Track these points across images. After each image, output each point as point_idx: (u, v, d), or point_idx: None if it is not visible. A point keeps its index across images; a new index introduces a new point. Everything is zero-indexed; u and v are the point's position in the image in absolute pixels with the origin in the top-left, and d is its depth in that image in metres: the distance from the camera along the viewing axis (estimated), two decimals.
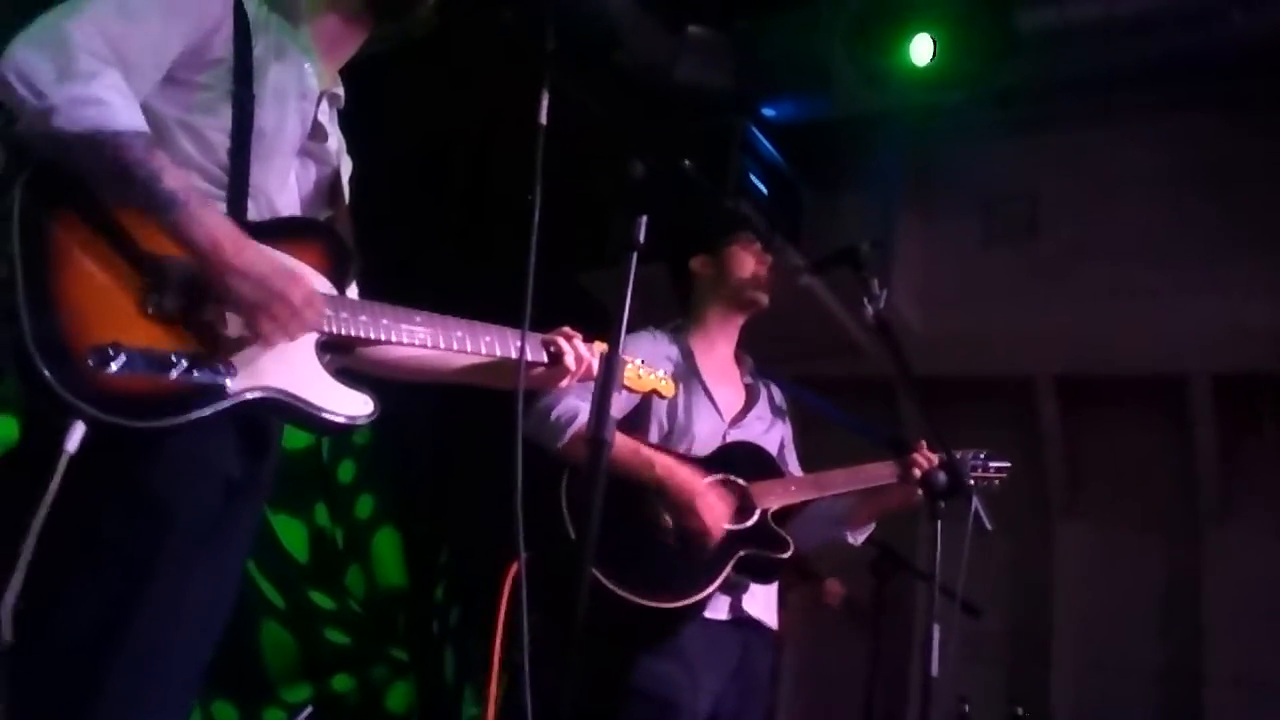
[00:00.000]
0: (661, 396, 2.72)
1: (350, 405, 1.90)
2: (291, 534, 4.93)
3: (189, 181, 1.72)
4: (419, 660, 5.46)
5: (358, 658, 5.16)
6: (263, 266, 1.74)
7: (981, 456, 3.29)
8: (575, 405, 2.85)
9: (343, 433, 1.85)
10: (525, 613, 1.86)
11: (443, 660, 5.58)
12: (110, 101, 1.64)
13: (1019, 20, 5.13)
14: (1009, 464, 3.33)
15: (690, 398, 3.11)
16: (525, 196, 1.89)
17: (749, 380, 3.30)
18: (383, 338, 1.99)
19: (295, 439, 4.91)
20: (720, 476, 2.97)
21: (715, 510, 2.83)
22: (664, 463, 2.87)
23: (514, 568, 2.49)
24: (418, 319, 2.05)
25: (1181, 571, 5.74)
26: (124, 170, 1.65)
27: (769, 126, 5.91)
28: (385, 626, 5.37)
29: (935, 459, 3.11)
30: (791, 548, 2.97)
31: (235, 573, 1.93)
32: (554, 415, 2.85)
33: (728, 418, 3.16)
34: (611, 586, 2.64)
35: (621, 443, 2.70)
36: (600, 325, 2.83)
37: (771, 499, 3.00)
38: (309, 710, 4.61)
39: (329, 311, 1.91)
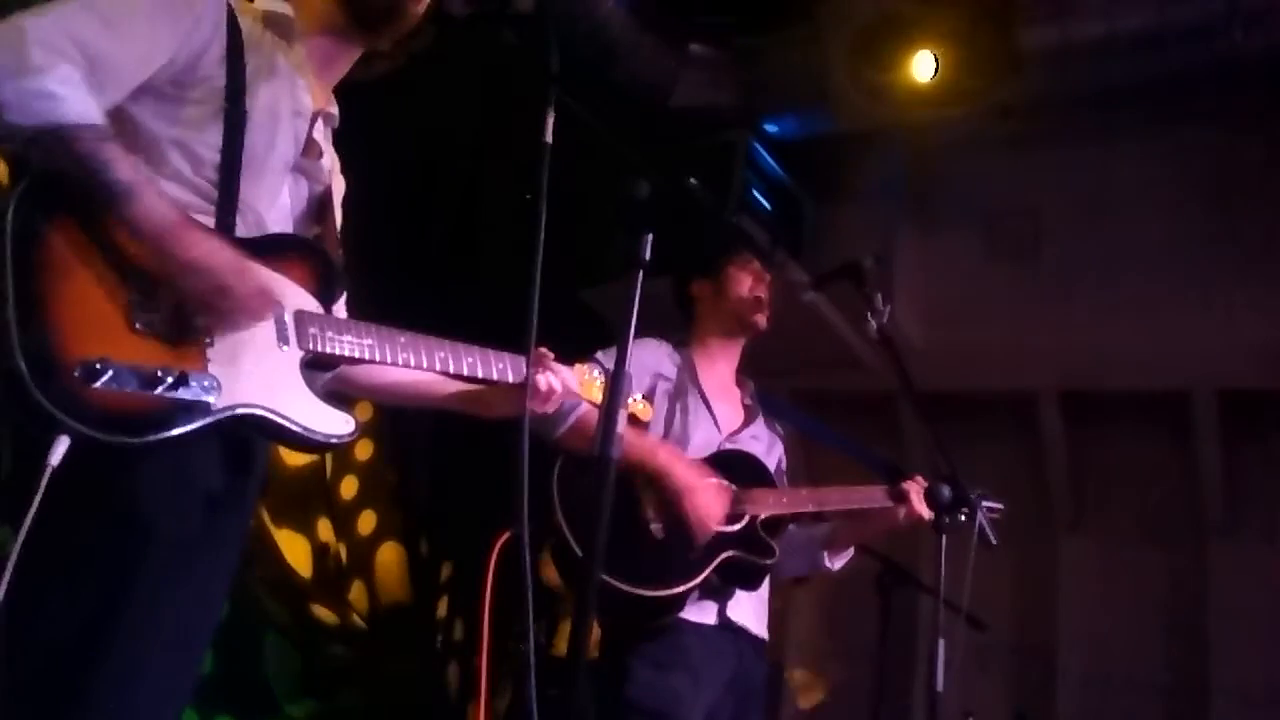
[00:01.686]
0: (638, 420, 2.73)
1: (331, 424, 1.91)
2: (294, 549, 4.93)
3: (141, 173, 1.72)
4: (423, 675, 5.46)
5: (361, 673, 5.16)
6: (212, 260, 1.74)
7: (977, 495, 3.28)
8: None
9: (323, 450, 1.84)
10: (530, 608, 1.85)
11: (446, 675, 5.57)
12: (60, 95, 1.63)
13: (1021, 38, 5.15)
14: (1002, 506, 3.32)
15: (688, 410, 3.12)
16: (525, 212, 1.90)
17: (749, 402, 3.30)
18: (366, 357, 1.99)
19: (298, 454, 4.92)
20: (714, 479, 2.98)
21: (712, 505, 2.84)
22: (668, 450, 2.88)
23: (499, 543, 2.51)
24: (401, 339, 2.04)
25: (1186, 585, 5.73)
26: (75, 163, 1.65)
27: (771, 142, 5.93)
28: (389, 641, 5.37)
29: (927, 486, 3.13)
30: (777, 555, 2.96)
31: (221, 585, 1.94)
32: None
33: (725, 431, 3.17)
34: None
35: (625, 430, 2.70)
36: (600, 341, 2.84)
37: (762, 506, 3.00)
38: None
39: (314, 330, 1.92)
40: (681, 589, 2.81)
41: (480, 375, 2.15)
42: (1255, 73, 5.08)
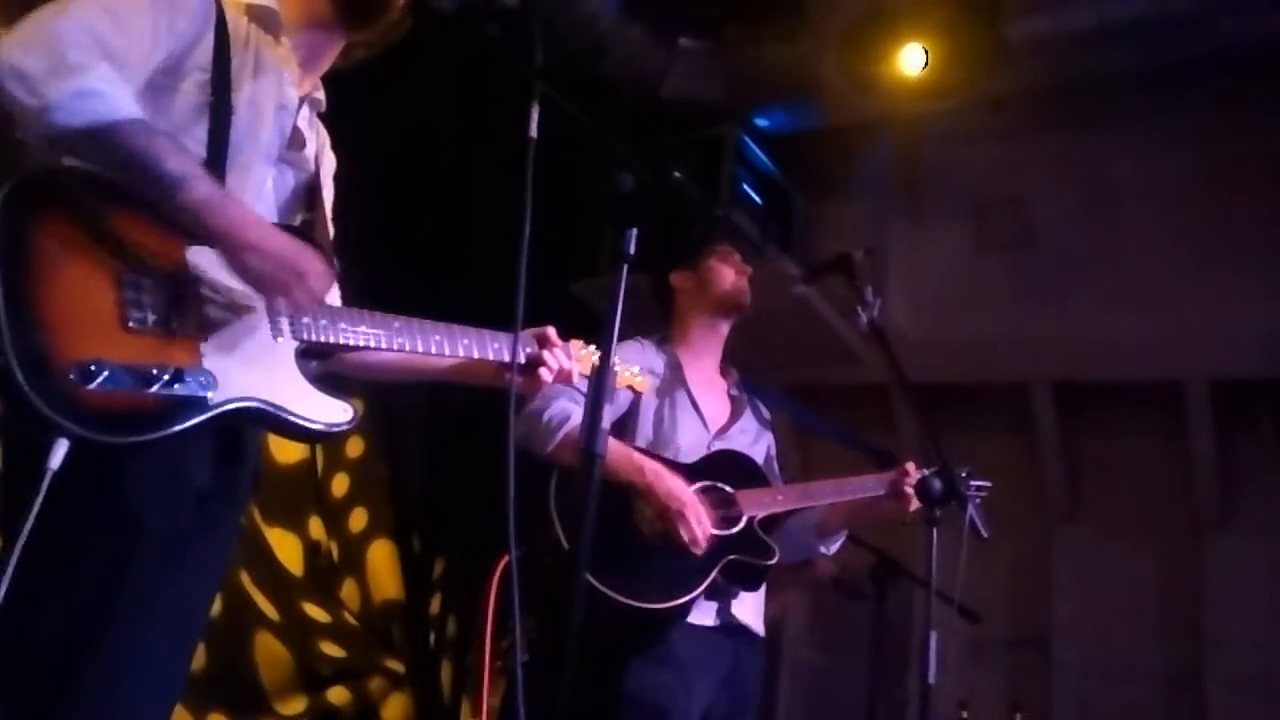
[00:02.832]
0: (636, 392, 2.72)
1: (330, 413, 1.90)
2: (285, 547, 4.92)
3: (192, 162, 1.75)
4: (415, 672, 5.45)
5: (353, 670, 5.15)
6: (275, 242, 1.82)
7: (963, 475, 3.27)
8: (566, 408, 2.84)
9: (323, 440, 1.84)
10: (518, 614, 1.84)
11: (439, 672, 5.56)
12: (105, 92, 1.66)
13: (1012, 29, 5.15)
14: (989, 484, 3.31)
15: (676, 408, 3.10)
16: (514, 203, 1.90)
17: (735, 393, 3.29)
18: (361, 343, 2.00)
19: (289, 452, 4.91)
20: (707, 484, 2.96)
21: (703, 520, 2.83)
22: (653, 468, 2.86)
23: (501, 564, 2.50)
24: (396, 324, 2.06)
25: (1181, 575, 5.74)
26: (128, 158, 1.67)
27: (761, 136, 5.92)
28: (381, 638, 5.36)
29: (920, 476, 3.11)
30: (777, 555, 2.96)
31: (213, 579, 1.94)
32: (545, 418, 2.84)
33: (713, 429, 3.16)
34: (598, 586, 2.63)
35: (611, 446, 2.70)
36: (590, 334, 2.83)
37: (757, 507, 2.98)
38: None
39: (307, 319, 1.92)
40: (685, 599, 2.80)
41: (476, 357, 2.16)
42: (1253, 62, 5.08)
